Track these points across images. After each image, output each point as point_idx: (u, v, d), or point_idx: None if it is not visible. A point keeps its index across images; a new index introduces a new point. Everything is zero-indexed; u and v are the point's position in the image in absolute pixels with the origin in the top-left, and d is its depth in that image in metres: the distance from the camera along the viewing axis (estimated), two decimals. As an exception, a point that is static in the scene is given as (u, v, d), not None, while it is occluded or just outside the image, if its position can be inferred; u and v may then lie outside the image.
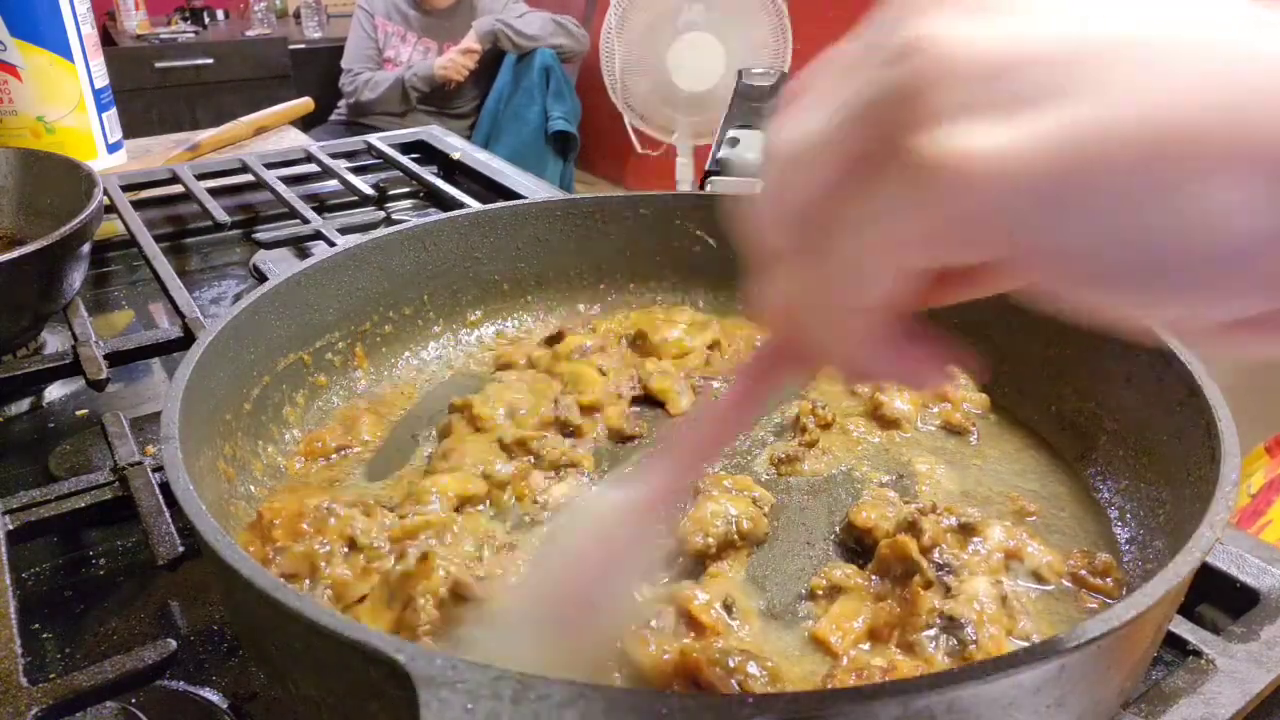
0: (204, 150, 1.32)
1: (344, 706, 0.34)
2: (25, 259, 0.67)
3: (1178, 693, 0.42)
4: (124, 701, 0.45)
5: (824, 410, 0.61)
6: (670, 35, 2.69)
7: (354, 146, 1.24)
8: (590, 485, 0.55)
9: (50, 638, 0.51)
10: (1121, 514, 0.53)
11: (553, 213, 0.75)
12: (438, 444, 0.59)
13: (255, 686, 0.47)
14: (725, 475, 0.55)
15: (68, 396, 0.76)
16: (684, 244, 0.77)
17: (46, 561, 0.57)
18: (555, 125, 3.38)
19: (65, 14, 1.18)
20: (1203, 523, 0.38)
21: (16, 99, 1.19)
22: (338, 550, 0.46)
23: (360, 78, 3.31)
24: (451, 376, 0.70)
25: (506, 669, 0.28)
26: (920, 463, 0.58)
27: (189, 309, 0.75)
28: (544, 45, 3.32)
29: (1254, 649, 0.44)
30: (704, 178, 0.79)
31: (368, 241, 0.67)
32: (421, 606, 0.41)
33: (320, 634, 0.31)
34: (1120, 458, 0.55)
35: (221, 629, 0.51)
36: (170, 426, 0.44)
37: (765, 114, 0.84)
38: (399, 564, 0.43)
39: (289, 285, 0.61)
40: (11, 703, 0.39)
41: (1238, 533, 0.53)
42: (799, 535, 0.52)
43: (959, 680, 0.29)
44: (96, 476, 0.55)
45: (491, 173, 1.18)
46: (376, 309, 0.68)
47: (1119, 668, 0.36)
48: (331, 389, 0.65)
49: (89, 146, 1.24)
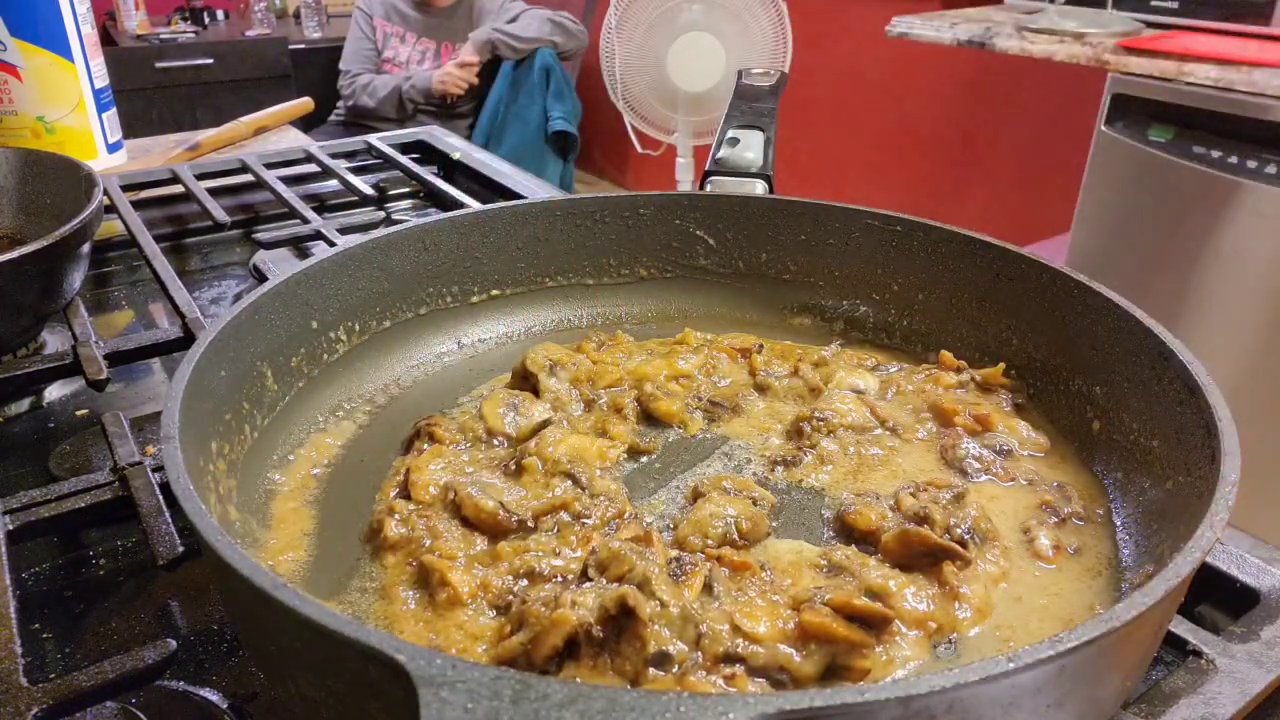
0: (204, 150, 1.32)
1: (344, 706, 0.34)
2: (25, 259, 0.67)
3: (1178, 693, 0.42)
4: (124, 701, 0.45)
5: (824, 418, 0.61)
6: (670, 35, 2.69)
7: (354, 146, 1.24)
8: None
9: (50, 638, 0.51)
10: (1121, 513, 0.53)
11: (553, 213, 0.75)
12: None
13: (255, 686, 0.47)
14: (725, 476, 0.56)
15: (68, 396, 0.76)
16: (684, 244, 0.77)
17: (46, 561, 0.57)
18: (555, 125, 3.38)
19: (65, 14, 1.18)
20: (1203, 523, 0.38)
21: (16, 99, 1.19)
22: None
23: (359, 80, 3.31)
24: (451, 377, 0.70)
25: (506, 669, 0.28)
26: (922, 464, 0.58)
27: (189, 309, 0.75)
28: (543, 45, 3.32)
29: (1254, 649, 0.44)
30: (704, 178, 0.79)
31: (368, 241, 0.67)
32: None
33: (320, 634, 0.31)
34: (1120, 457, 0.55)
35: (221, 629, 0.51)
36: (170, 426, 0.44)
37: (765, 114, 0.84)
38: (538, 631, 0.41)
39: (289, 285, 0.61)
40: (11, 703, 0.39)
41: (1238, 532, 0.53)
42: (799, 536, 0.52)
43: (959, 680, 0.29)
44: (96, 476, 0.55)
45: (491, 173, 1.18)
46: (376, 309, 0.68)
47: (1119, 668, 0.36)
48: (332, 389, 0.65)
49: (89, 146, 1.24)
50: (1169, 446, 0.50)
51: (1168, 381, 0.51)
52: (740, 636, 0.41)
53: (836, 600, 0.42)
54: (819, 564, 0.47)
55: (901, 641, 0.43)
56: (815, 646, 0.41)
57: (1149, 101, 1.76)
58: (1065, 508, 0.53)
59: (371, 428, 0.63)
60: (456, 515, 0.51)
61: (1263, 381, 1.68)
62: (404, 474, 0.55)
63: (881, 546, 0.48)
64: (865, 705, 0.29)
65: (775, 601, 0.44)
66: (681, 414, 0.62)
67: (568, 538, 0.50)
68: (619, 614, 0.39)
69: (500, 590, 0.46)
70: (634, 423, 0.62)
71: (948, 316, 0.70)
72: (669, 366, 0.66)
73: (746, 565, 0.46)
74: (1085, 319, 0.59)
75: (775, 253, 0.76)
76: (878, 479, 0.56)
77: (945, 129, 3.11)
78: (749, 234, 0.76)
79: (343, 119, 3.39)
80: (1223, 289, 1.71)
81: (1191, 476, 0.46)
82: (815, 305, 0.76)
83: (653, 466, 0.59)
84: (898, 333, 0.72)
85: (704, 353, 0.69)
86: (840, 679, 0.41)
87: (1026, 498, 0.54)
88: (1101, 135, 1.84)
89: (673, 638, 0.39)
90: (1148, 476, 0.52)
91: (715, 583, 0.44)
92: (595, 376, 0.65)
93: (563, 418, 0.61)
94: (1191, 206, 1.72)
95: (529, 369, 0.64)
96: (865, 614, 0.42)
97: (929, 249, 0.70)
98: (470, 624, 0.44)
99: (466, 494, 0.51)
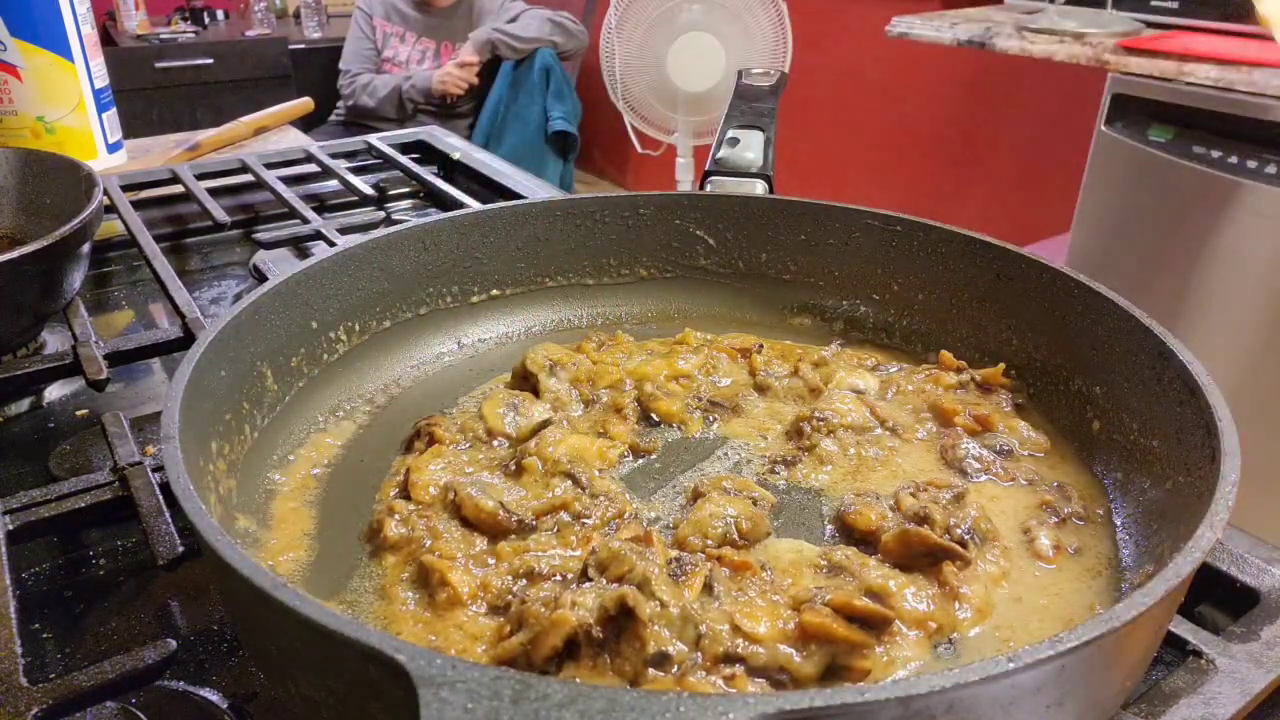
0: (204, 150, 1.32)
1: (344, 706, 0.34)
2: (25, 259, 0.67)
3: (1178, 693, 0.42)
4: (124, 701, 0.45)
5: (824, 418, 0.61)
6: (670, 35, 2.69)
7: (354, 146, 1.24)
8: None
9: (50, 638, 0.51)
10: (1121, 513, 0.53)
11: (553, 213, 0.75)
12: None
13: (255, 686, 0.47)
14: (725, 476, 0.56)
15: (68, 396, 0.76)
16: (684, 244, 0.77)
17: (46, 561, 0.57)
18: (555, 125, 3.38)
19: (65, 14, 1.18)
20: (1203, 523, 0.38)
21: (16, 99, 1.19)
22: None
23: (359, 80, 3.31)
24: (451, 377, 0.70)
25: (506, 669, 0.28)
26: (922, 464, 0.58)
27: (189, 309, 0.75)
28: (543, 45, 3.32)
29: (1254, 649, 0.44)
30: (704, 178, 0.79)
31: (368, 241, 0.67)
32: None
33: (320, 634, 0.31)
34: (1120, 457, 0.55)
35: (221, 629, 0.51)
36: (170, 426, 0.44)
37: (765, 114, 0.84)
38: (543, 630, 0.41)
39: (289, 285, 0.61)
40: (11, 703, 0.39)
41: (1238, 532, 0.53)
42: (799, 536, 0.52)
43: (959, 680, 0.29)
44: (96, 476, 0.55)
45: (491, 173, 1.18)
46: (376, 309, 0.68)
47: (1119, 668, 0.36)
48: (332, 389, 0.65)
49: (89, 146, 1.24)
50: (1169, 446, 0.50)
51: (1168, 381, 0.51)
52: (740, 637, 0.41)
53: (837, 601, 0.42)
54: (819, 564, 0.47)
55: (902, 642, 0.43)
56: (815, 647, 0.41)
57: (1149, 101, 1.76)
58: (1065, 508, 0.53)
59: (371, 428, 0.63)
60: (456, 515, 0.51)
61: (1263, 381, 1.68)
62: (404, 474, 0.55)
63: (881, 546, 0.48)
64: (865, 705, 0.29)
65: (775, 601, 0.44)
66: (681, 414, 0.62)
67: (568, 538, 0.50)
68: (619, 614, 0.39)
69: (500, 590, 0.46)
70: (634, 423, 0.62)
71: (948, 316, 0.70)
72: (669, 366, 0.66)
73: (747, 565, 0.46)
74: (1085, 319, 0.59)
75: (775, 253, 0.76)
76: (878, 479, 0.56)
77: (945, 129, 3.11)
78: (749, 234, 0.76)
79: (343, 119, 3.39)
80: (1223, 289, 1.71)
81: (1191, 476, 0.46)
82: (815, 305, 0.76)
83: (653, 466, 0.59)
84: (898, 333, 0.72)
85: (704, 353, 0.69)
86: (840, 679, 0.41)
87: (1026, 498, 0.54)
88: (1101, 135, 1.84)
89: (672, 638, 0.39)
90: (1148, 476, 0.52)
91: (715, 583, 0.44)
92: (595, 376, 0.65)
93: (563, 418, 0.61)
94: (1191, 206, 1.72)
95: (529, 369, 0.64)
96: (866, 614, 0.42)
97: (929, 249, 0.70)
98: (470, 624, 0.44)
99: (466, 494, 0.51)
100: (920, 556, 0.47)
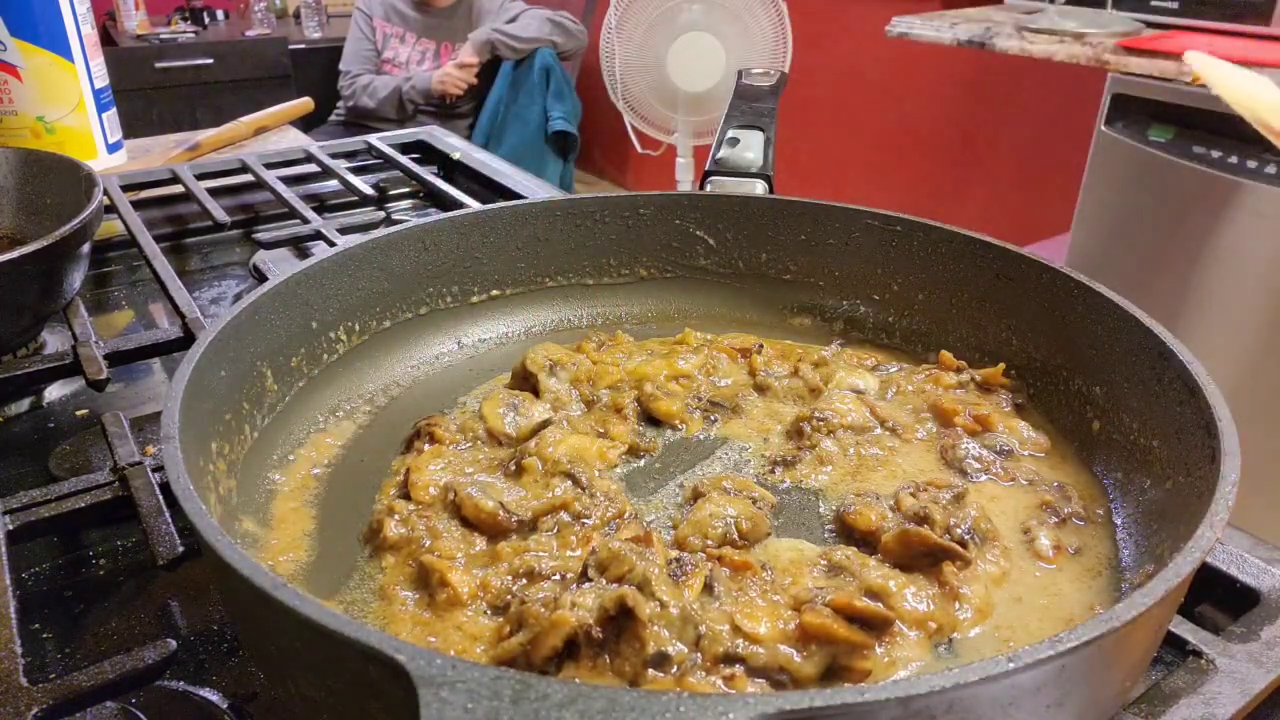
0: (204, 150, 1.32)
1: (344, 706, 0.34)
2: (25, 259, 0.67)
3: (1178, 693, 0.42)
4: (124, 701, 0.45)
5: (824, 418, 0.61)
6: (670, 35, 2.69)
7: (354, 146, 1.24)
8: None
9: (50, 638, 0.51)
10: (1121, 513, 0.53)
11: (553, 213, 0.75)
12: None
13: (255, 686, 0.47)
14: (725, 476, 0.55)
15: (68, 396, 0.76)
16: (684, 244, 0.77)
17: (46, 561, 0.57)
18: (555, 125, 3.38)
19: (65, 14, 1.18)
20: (1203, 523, 0.38)
21: (16, 99, 1.19)
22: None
23: (359, 81, 3.31)
24: (451, 377, 0.70)
25: (506, 669, 0.28)
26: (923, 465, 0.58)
27: (189, 309, 0.75)
28: (542, 45, 3.32)
29: (1254, 649, 0.44)
30: (704, 178, 0.79)
31: (368, 241, 0.67)
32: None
33: (320, 634, 0.31)
34: (1120, 457, 0.55)
35: (221, 629, 0.51)
36: (170, 426, 0.44)
37: (765, 114, 0.84)
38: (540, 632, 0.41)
39: (289, 285, 0.61)
40: (11, 703, 0.39)
41: (1238, 532, 0.53)
42: (799, 536, 0.52)
43: (959, 680, 0.29)
44: (96, 476, 0.55)
45: (491, 173, 1.18)
46: (376, 309, 0.68)
47: (1119, 668, 0.36)
48: (332, 389, 0.65)
49: (89, 146, 1.24)
50: (1169, 446, 0.50)
51: (1168, 381, 0.51)
52: (740, 637, 0.41)
53: (837, 601, 0.42)
54: (819, 564, 0.47)
55: (902, 642, 0.43)
56: (816, 647, 0.41)
57: (1149, 101, 1.76)
58: (1065, 508, 0.53)
59: (371, 428, 0.63)
60: (456, 515, 0.51)
61: (1263, 381, 1.68)
62: (404, 474, 0.55)
63: (881, 546, 0.48)
64: (865, 705, 0.29)
65: (775, 602, 0.44)
66: (681, 414, 0.62)
67: (568, 538, 0.50)
68: (619, 614, 0.39)
69: (500, 590, 0.46)
70: (634, 423, 0.62)
71: (948, 316, 0.70)
72: (669, 366, 0.66)
73: (747, 565, 0.46)
74: (1085, 319, 0.59)
75: (775, 253, 0.76)
76: (878, 479, 0.56)
77: (945, 129, 3.11)
78: (749, 234, 0.76)
79: (343, 119, 3.39)
80: (1223, 289, 1.71)
81: (1191, 476, 0.46)
82: (815, 305, 0.76)
83: (653, 466, 0.59)
84: (898, 333, 0.72)
85: (704, 353, 0.69)
86: (840, 679, 0.41)
87: (1026, 498, 0.54)
88: (1101, 135, 1.84)
89: (672, 638, 0.39)
90: (1148, 476, 0.51)
91: (715, 583, 0.44)
92: (595, 376, 0.65)
93: (563, 418, 0.61)
94: (1191, 206, 1.72)
95: (529, 369, 0.64)
96: (866, 615, 0.42)
97: (929, 249, 0.70)
98: (470, 624, 0.44)
99: (466, 494, 0.51)
100: (920, 556, 0.47)
